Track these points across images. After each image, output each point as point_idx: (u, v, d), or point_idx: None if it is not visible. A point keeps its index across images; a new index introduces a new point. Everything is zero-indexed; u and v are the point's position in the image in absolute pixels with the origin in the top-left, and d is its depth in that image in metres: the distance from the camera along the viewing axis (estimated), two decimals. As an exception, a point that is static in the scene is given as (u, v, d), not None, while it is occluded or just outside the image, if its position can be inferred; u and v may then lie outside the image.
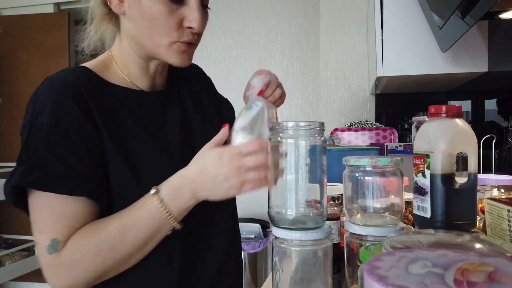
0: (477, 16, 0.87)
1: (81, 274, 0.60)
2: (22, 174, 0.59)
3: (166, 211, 0.61)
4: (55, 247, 0.59)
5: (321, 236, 0.58)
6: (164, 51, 0.68)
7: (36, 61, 2.90)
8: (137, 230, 0.61)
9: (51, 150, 0.60)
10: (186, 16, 0.66)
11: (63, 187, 0.59)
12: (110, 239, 0.60)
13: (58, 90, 0.64)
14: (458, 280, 0.29)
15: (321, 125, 0.61)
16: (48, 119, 0.61)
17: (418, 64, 1.47)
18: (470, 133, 0.62)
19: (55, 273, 0.60)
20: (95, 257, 0.60)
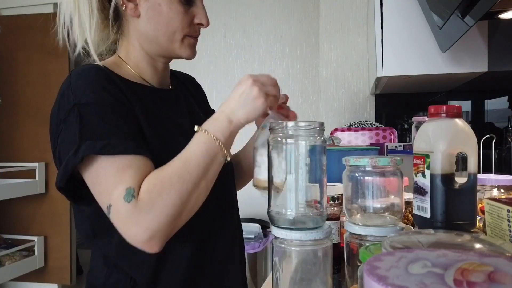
0: (477, 16, 0.87)
1: (161, 212, 0.62)
2: (88, 147, 0.63)
3: (214, 137, 0.67)
4: (132, 194, 0.62)
5: (321, 236, 0.58)
6: (179, 46, 0.78)
7: (36, 61, 2.90)
8: (196, 159, 0.66)
9: (106, 122, 0.66)
10: (196, 15, 0.79)
11: (129, 148, 0.64)
12: (176, 172, 0.64)
13: (93, 75, 0.71)
14: (458, 280, 0.29)
15: (321, 125, 0.61)
16: (93, 98, 0.67)
17: (418, 64, 1.47)
18: (470, 133, 0.62)
19: (137, 220, 0.61)
20: (170, 190, 0.63)
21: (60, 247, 2.88)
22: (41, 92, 2.85)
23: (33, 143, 2.83)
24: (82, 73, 0.71)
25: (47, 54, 2.89)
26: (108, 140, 0.63)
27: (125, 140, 0.65)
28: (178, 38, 0.77)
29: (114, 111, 0.67)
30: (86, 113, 0.66)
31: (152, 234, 0.61)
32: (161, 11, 0.75)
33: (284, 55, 2.66)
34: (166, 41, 0.78)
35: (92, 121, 0.65)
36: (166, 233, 0.64)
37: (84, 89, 0.68)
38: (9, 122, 2.95)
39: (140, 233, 0.61)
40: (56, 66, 2.88)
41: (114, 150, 0.63)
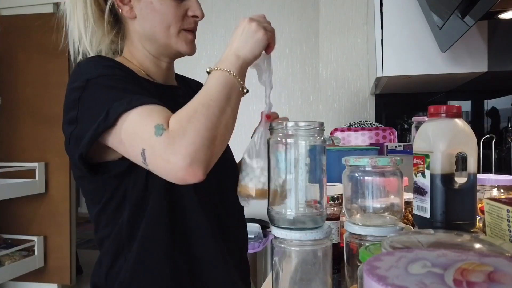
0: (476, 16, 0.87)
1: (196, 136, 0.62)
2: (116, 108, 0.64)
3: (228, 70, 0.70)
4: (161, 128, 0.62)
5: (320, 236, 0.58)
6: (175, 41, 0.80)
7: (36, 60, 2.90)
8: (216, 89, 0.68)
9: (124, 86, 0.69)
10: (189, 7, 0.80)
11: (148, 100, 0.66)
12: (200, 101, 0.66)
13: (103, 58, 0.76)
14: (458, 280, 0.29)
15: (320, 125, 0.61)
16: (106, 71, 0.70)
17: (418, 64, 1.47)
18: (469, 133, 0.62)
19: (173, 148, 0.61)
20: (197, 116, 0.63)
21: (60, 247, 2.87)
22: (41, 92, 2.85)
23: (33, 143, 2.83)
24: (91, 58, 0.77)
25: (47, 54, 2.88)
26: (129, 98, 0.65)
27: (143, 96, 0.67)
28: (174, 33, 0.79)
29: (127, 81, 0.71)
30: (102, 83, 0.68)
31: (191, 159, 0.61)
32: (154, 8, 0.77)
33: (284, 55, 2.66)
34: (163, 37, 0.79)
35: (110, 87, 0.68)
36: (206, 158, 0.62)
37: (96, 66, 0.71)
38: (8, 122, 2.95)
39: (180, 161, 0.60)
40: (56, 66, 2.88)
41: (137, 102, 0.64)
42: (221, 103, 0.66)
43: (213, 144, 0.63)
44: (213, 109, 0.65)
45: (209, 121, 0.63)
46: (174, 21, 0.78)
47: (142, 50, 0.82)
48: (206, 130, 0.62)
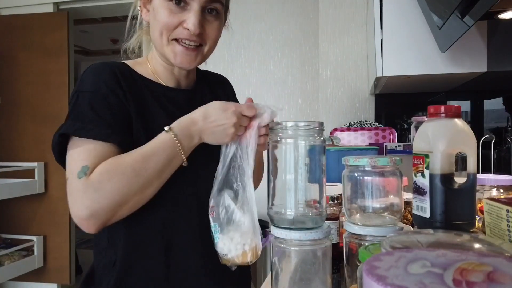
0: (476, 16, 0.87)
1: (107, 195, 0.66)
2: (69, 126, 0.71)
3: (179, 144, 0.71)
4: (84, 172, 0.67)
5: (320, 236, 0.58)
6: (167, 51, 0.79)
7: (36, 60, 2.90)
8: (156, 158, 0.70)
9: (93, 109, 0.72)
10: (185, 19, 0.76)
11: (100, 133, 0.70)
12: (133, 164, 0.68)
13: (99, 68, 0.77)
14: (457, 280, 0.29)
15: (320, 125, 0.61)
16: (91, 87, 0.74)
17: (418, 64, 1.47)
18: (469, 133, 0.62)
19: (83, 196, 0.66)
20: (121, 178, 0.67)
21: (59, 247, 2.87)
22: (41, 91, 2.85)
23: (33, 143, 2.83)
24: (94, 66, 0.78)
25: (47, 54, 2.88)
26: (85, 124, 0.70)
27: (101, 127, 0.70)
28: (165, 41, 0.78)
29: (105, 100, 0.73)
30: (81, 99, 0.73)
31: (91, 213, 0.65)
32: (154, 14, 0.78)
33: (284, 55, 2.66)
34: (158, 45, 0.80)
35: (82, 106, 0.72)
36: (106, 218, 0.67)
37: (87, 79, 0.75)
38: (8, 121, 2.95)
39: (80, 210, 0.66)
40: (56, 66, 2.87)
41: (86, 134, 0.69)
42: (152, 175, 0.70)
43: (121, 208, 0.68)
44: (140, 178, 0.68)
45: (128, 188, 0.67)
46: (165, 29, 0.77)
47: (156, 55, 0.84)
48: (120, 195, 0.67)
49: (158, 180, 0.71)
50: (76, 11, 3.10)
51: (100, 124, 0.71)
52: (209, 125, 0.73)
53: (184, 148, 0.72)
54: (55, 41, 2.89)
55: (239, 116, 0.72)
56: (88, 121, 0.70)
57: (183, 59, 0.79)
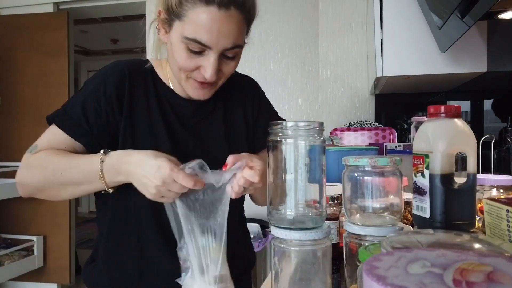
0: (476, 16, 0.87)
1: (29, 177, 0.78)
2: (57, 113, 0.81)
3: (100, 172, 0.72)
4: (32, 149, 0.79)
5: (320, 236, 0.58)
6: (184, 84, 0.80)
7: (35, 60, 2.90)
8: (75, 171, 0.75)
9: (83, 107, 0.79)
10: (202, 66, 0.76)
11: (73, 131, 0.78)
12: (56, 165, 0.75)
13: (109, 70, 0.83)
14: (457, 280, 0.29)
15: (320, 125, 0.61)
16: (91, 87, 0.81)
17: (418, 64, 1.47)
18: (469, 133, 0.62)
19: (21, 167, 0.79)
20: (41, 171, 0.76)
21: (59, 247, 2.87)
22: (40, 91, 2.85)
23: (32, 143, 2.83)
24: (109, 66, 0.84)
25: (46, 54, 2.88)
26: (68, 117, 0.79)
27: (78, 126, 0.78)
28: (183, 77, 0.79)
29: (96, 103, 0.79)
30: (82, 92, 0.81)
31: (20, 182, 0.79)
32: (172, 50, 0.77)
33: (284, 55, 2.66)
34: (176, 77, 0.81)
35: (78, 99, 0.80)
36: (29, 192, 0.79)
37: (96, 75, 0.83)
38: (8, 121, 2.95)
39: (18, 176, 0.79)
40: (55, 65, 2.87)
41: (63, 126, 0.79)
42: (66, 183, 0.76)
43: (39, 192, 0.79)
44: (55, 180, 0.75)
45: (44, 182, 0.76)
46: (183, 69, 0.77)
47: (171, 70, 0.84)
48: (38, 184, 0.77)
49: (73, 188, 0.77)
50: (76, 11, 3.10)
51: (80, 124, 0.78)
52: (137, 173, 0.68)
53: (105, 178, 0.72)
54: (55, 41, 2.89)
55: (167, 181, 0.65)
56: (72, 117, 0.79)
57: (199, 94, 0.80)
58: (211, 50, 0.73)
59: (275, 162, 0.63)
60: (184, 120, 0.86)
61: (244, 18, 0.75)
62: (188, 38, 0.72)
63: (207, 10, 0.70)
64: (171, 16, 0.74)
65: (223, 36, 0.72)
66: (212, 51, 0.73)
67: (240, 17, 0.73)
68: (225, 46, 0.74)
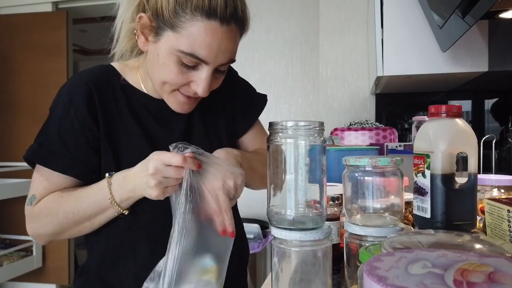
0: (477, 15, 0.87)
1: (43, 228, 0.75)
2: (34, 150, 0.75)
3: (111, 195, 0.71)
4: (31, 201, 0.76)
5: (320, 237, 0.58)
6: (166, 97, 0.76)
7: (34, 60, 2.90)
8: (88, 207, 0.72)
9: (59, 135, 0.74)
10: (194, 81, 0.72)
11: (59, 166, 0.74)
12: (65, 207, 0.73)
13: (74, 88, 0.77)
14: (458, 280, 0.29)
15: (320, 125, 0.61)
16: (61, 111, 0.75)
17: (418, 64, 1.47)
18: (470, 133, 0.62)
19: (28, 221, 0.77)
20: (53, 218, 0.74)
21: (58, 247, 2.87)
22: (39, 91, 2.85)
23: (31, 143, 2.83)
24: (69, 84, 0.79)
25: (45, 53, 2.88)
26: (49, 152, 0.74)
27: (64, 158, 0.74)
28: (167, 90, 0.74)
29: (72, 127, 0.74)
30: (51, 121, 0.76)
31: (34, 235, 0.77)
32: (158, 60, 0.71)
33: (284, 54, 2.66)
34: (156, 87, 0.76)
35: (50, 130, 0.76)
36: (46, 241, 0.78)
37: (61, 99, 0.77)
38: (7, 121, 2.95)
39: (29, 230, 0.77)
40: (54, 65, 2.87)
41: (48, 164, 0.74)
42: (80, 219, 0.73)
43: (58, 236, 0.77)
44: (69, 220, 0.73)
45: (60, 226, 0.74)
46: (170, 84, 0.72)
47: (146, 68, 0.79)
48: (54, 230, 0.75)
49: (90, 222, 0.74)
50: (75, 10, 3.10)
51: (63, 155, 0.74)
52: (136, 177, 0.68)
53: (116, 199, 0.71)
54: (54, 41, 2.89)
55: (159, 167, 0.65)
56: (53, 151, 0.74)
57: (184, 108, 0.77)
58: (206, 65, 0.70)
59: (275, 162, 0.62)
60: (162, 122, 0.81)
61: (240, 33, 0.72)
62: (184, 52, 0.67)
63: (208, 24, 0.66)
64: (161, 25, 0.68)
65: (222, 52, 0.69)
66: (208, 66, 0.70)
67: (238, 32, 0.71)
68: (221, 62, 0.70)
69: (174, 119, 0.82)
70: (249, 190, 0.85)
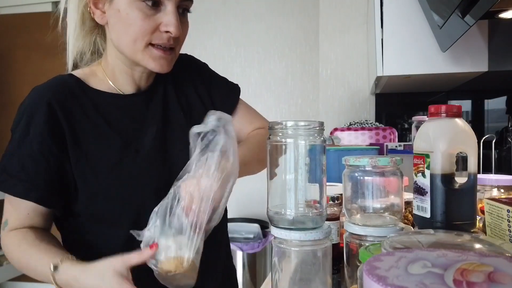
0: (477, 15, 0.87)
1: (9, 258, 0.75)
2: None
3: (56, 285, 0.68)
4: (4, 227, 0.75)
5: (320, 236, 0.58)
6: (141, 57, 0.73)
7: (34, 60, 2.90)
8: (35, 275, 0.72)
9: (18, 158, 0.72)
10: (162, 22, 0.70)
11: (18, 191, 0.71)
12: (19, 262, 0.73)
13: (31, 106, 0.74)
14: (458, 280, 0.29)
15: (320, 125, 0.61)
16: (20, 132, 0.73)
17: (418, 64, 1.47)
18: (470, 133, 0.62)
19: (1, 243, 0.76)
20: (13, 261, 0.75)
21: (59, 246, 2.87)
22: (41, 91, 2.85)
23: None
24: (31, 98, 0.76)
25: (45, 53, 2.88)
26: (9, 177, 0.71)
27: (21, 182, 0.71)
28: (140, 48, 0.71)
29: (31, 148, 0.71)
30: (12, 142, 0.74)
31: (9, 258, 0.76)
32: (120, 17, 0.70)
33: (284, 54, 2.66)
34: (129, 52, 0.73)
35: (11, 152, 0.73)
36: None
37: (20, 118, 0.74)
38: (6, 121, 2.94)
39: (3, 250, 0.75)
40: (54, 65, 2.86)
41: (8, 189, 0.72)
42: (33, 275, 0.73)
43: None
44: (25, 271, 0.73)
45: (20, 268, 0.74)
46: (140, 35, 0.70)
47: (115, 59, 0.77)
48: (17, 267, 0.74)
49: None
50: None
51: (22, 179, 0.71)
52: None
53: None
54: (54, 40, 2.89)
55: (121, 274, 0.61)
56: (12, 175, 0.71)
57: (163, 64, 0.73)
58: (168, 1, 0.69)
59: (275, 162, 0.62)
60: (137, 118, 0.78)
61: None
62: None
63: None
64: None
65: None
66: (170, 2, 0.70)
67: None
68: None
69: (149, 114, 0.79)
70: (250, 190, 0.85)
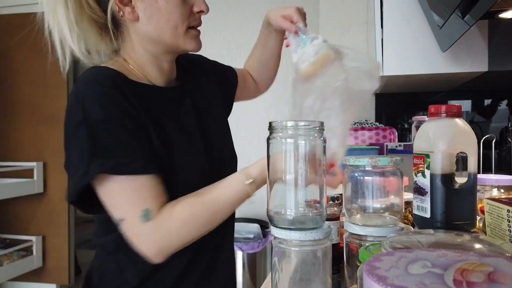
0: (477, 15, 0.87)
1: (177, 241, 0.69)
2: (98, 166, 0.64)
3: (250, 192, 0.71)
4: (149, 215, 0.66)
5: (320, 236, 0.58)
6: (183, 40, 0.77)
7: (34, 60, 2.89)
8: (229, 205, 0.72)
9: (114, 139, 0.67)
10: (194, 3, 0.77)
11: (138, 167, 0.66)
12: (206, 214, 0.70)
13: (102, 85, 0.69)
14: (458, 280, 0.29)
15: (321, 125, 0.61)
16: (101, 114, 0.67)
17: (418, 64, 1.47)
18: (470, 133, 0.62)
19: (153, 241, 0.67)
20: (193, 225, 0.69)
21: (58, 247, 2.87)
22: (39, 91, 2.84)
23: (31, 143, 2.82)
24: (89, 84, 0.69)
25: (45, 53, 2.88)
26: (117, 160, 0.65)
27: (134, 159, 0.66)
28: (181, 32, 0.76)
29: (122, 126, 0.67)
30: (95, 131, 0.66)
31: (160, 252, 0.68)
32: (159, 7, 0.73)
33: (284, 54, 2.65)
34: (170, 38, 0.76)
35: (100, 139, 0.66)
36: (171, 252, 0.69)
37: (92, 103, 0.67)
38: (6, 121, 2.94)
39: (150, 250, 0.67)
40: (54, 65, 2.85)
41: (124, 170, 0.66)
42: (222, 217, 0.72)
43: (188, 243, 0.70)
44: (211, 223, 0.71)
45: (197, 235, 0.70)
46: (181, 20, 0.75)
47: (143, 54, 0.78)
48: (187, 238, 0.70)
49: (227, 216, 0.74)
50: (76, 11, 3.10)
51: (132, 156, 0.66)
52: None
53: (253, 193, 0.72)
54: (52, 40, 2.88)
55: None
56: (118, 156, 0.65)
57: (199, 42, 0.80)
58: None
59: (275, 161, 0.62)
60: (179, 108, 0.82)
61: None
62: None
63: None
64: None
65: None
66: None
67: None
68: None
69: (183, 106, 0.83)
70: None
